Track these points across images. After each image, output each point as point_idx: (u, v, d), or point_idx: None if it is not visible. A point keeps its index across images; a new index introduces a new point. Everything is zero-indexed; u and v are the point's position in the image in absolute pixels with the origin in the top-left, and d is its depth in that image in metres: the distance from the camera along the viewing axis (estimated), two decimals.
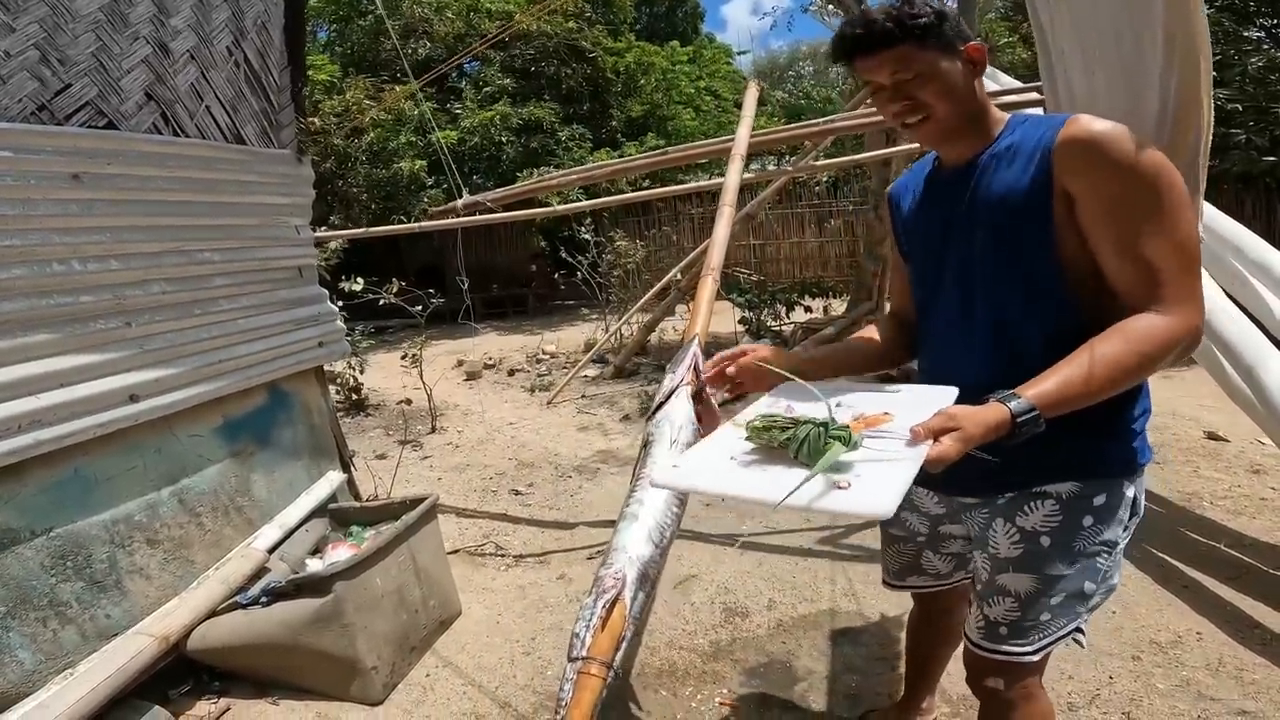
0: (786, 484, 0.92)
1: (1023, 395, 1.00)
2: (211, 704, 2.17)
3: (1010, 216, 1.14)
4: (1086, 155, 1.06)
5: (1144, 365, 1.03)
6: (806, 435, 0.99)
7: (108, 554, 2.05)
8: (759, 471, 1.01)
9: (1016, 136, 1.17)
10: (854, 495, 0.89)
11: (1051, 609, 1.24)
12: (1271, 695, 1.92)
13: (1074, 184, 1.08)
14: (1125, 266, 1.06)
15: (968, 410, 0.99)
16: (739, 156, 2.82)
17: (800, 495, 0.89)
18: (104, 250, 2.07)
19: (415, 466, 4.76)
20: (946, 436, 0.95)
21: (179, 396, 2.25)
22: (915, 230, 1.38)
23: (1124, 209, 1.05)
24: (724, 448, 1.10)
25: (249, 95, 2.63)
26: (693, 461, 1.08)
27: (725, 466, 1.04)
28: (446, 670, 2.35)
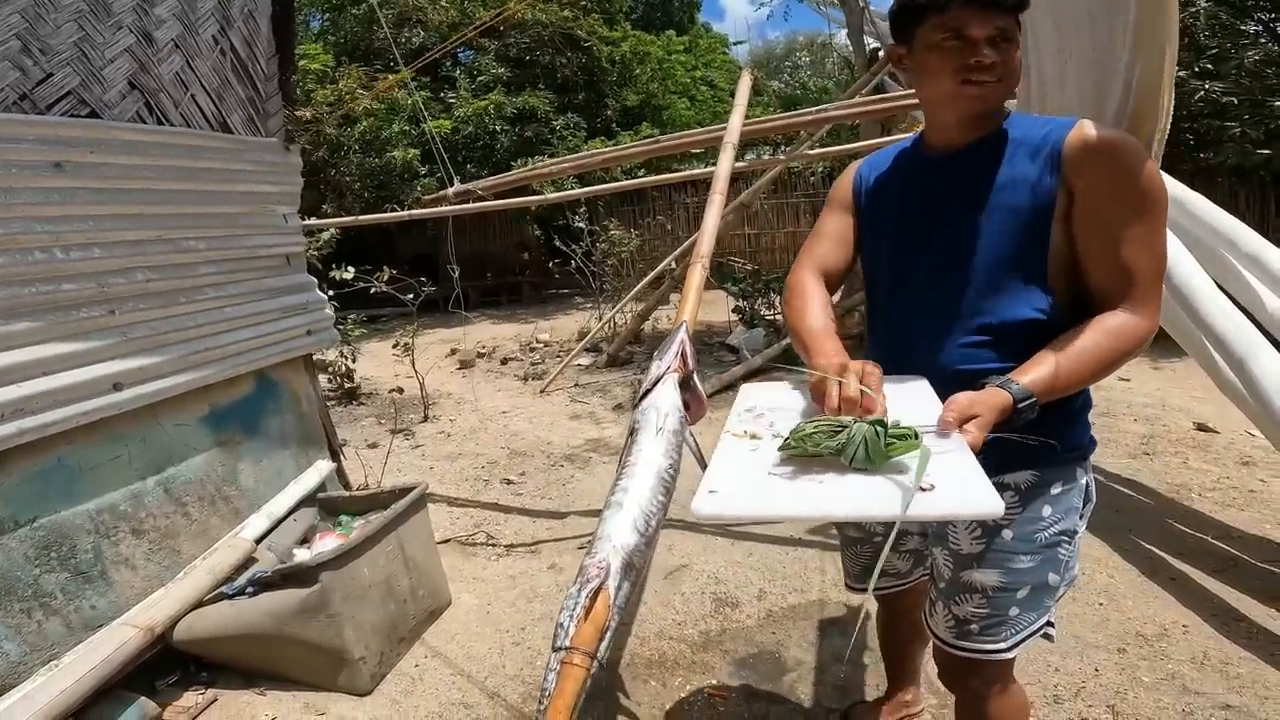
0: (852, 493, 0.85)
1: (1020, 382, 1.04)
2: (199, 695, 2.16)
3: (1018, 206, 1.15)
4: (1101, 159, 1.09)
5: (1120, 359, 1.09)
6: (863, 438, 0.88)
7: (92, 544, 2.03)
8: (814, 484, 0.90)
9: (1017, 131, 1.19)
10: (951, 496, 0.82)
11: (1019, 603, 1.24)
12: (1256, 690, 1.93)
13: (1081, 184, 1.10)
14: (1108, 267, 1.11)
15: (980, 397, 1.01)
16: (731, 145, 2.80)
17: (892, 502, 0.82)
18: (86, 238, 2.05)
19: (407, 455, 4.75)
20: (970, 425, 0.97)
21: (164, 385, 2.23)
22: (890, 209, 1.34)
23: (1122, 215, 1.09)
24: (752, 463, 0.99)
25: (235, 84, 2.61)
26: (729, 483, 0.94)
27: (771, 484, 0.92)
28: (436, 660, 2.35)
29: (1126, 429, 4.31)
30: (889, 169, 1.38)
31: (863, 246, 1.42)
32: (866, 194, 1.41)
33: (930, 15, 1.14)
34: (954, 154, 1.23)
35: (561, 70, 12.25)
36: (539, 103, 11.58)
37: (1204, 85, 6.85)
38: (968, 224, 1.19)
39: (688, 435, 1.67)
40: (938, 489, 0.82)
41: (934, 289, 1.24)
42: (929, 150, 1.29)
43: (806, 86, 17.83)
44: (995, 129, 1.20)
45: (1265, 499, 3.19)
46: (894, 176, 1.36)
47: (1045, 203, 1.12)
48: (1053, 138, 1.13)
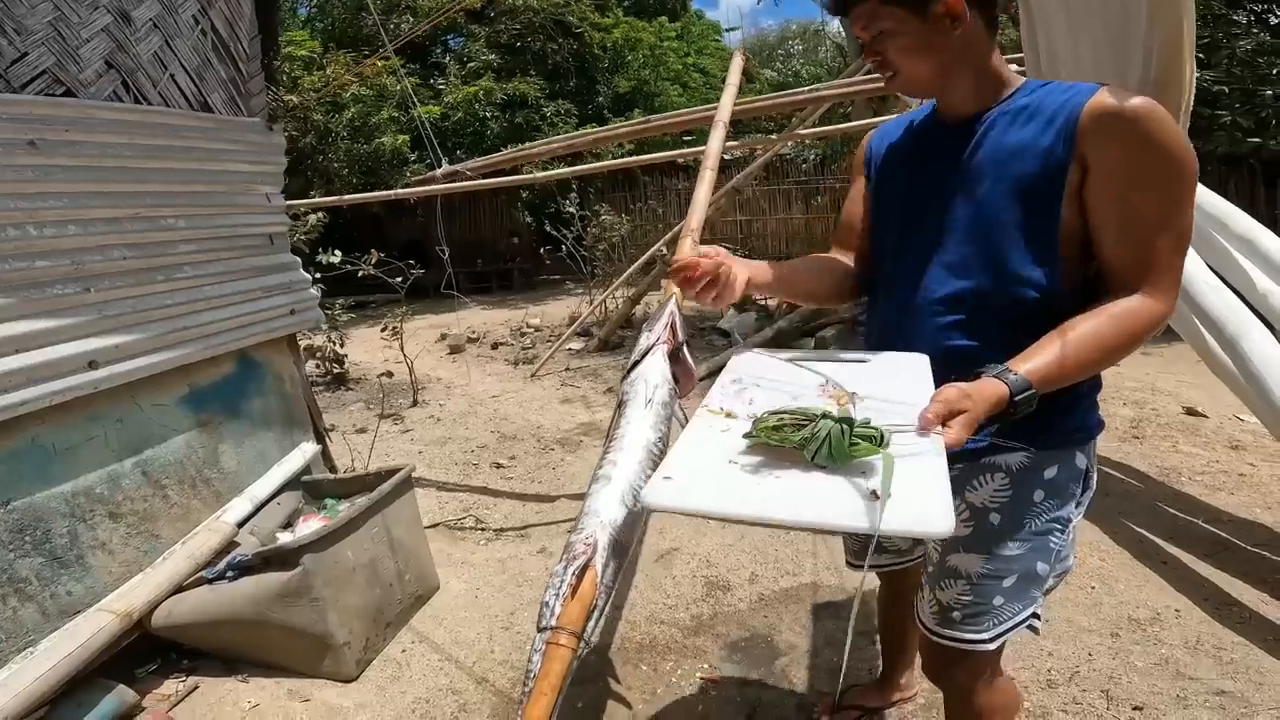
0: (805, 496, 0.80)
1: (1019, 371, 0.95)
2: (179, 682, 2.12)
3: (1025, 175, 1.07)
4: (1119, 128, 1.00)
5: (1129, 348, 1.02)
6: (828, 434, 0.84)
7: (68, 528, 1.98)
8: (771, 480, 0.85)
9: (1033, 98, 1.10)
10: (899, 510, 0.76)
11: (1004, 592, 1.19)
12: (1250, 675, 1.92)
13: (1096, 155, 1.01)
14: (1125, 247, 1.03)
15: (969, 390, 0.92)
16: (722, 124, 2.76)
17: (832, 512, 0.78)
18: (61, 216, 2.00)
19: (396, 440, 4.70)
20: (955, 421, 0.88)
21: (141, 363, 2.17)
22: (895, 176, 1.29)
23: (1142, 190, 1.00)
24: (716, 449, 0.94)
25: (216, 64, 2.56)
26: (687, 470, 0.89)
27: (729, 476, 0.87)
28: (423, 646, 2.32)
29: (1115, 412, 4.32)
30: (899, 138, 1.32)
31: (873, 217, 1.36)
32: (876, 164, 1.35)
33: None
34: (965, 122, 1.16)
35: (552, 56, 12.17)
36: (529, 89, 11.51)
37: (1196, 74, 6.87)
38: (970, 194, 1.13)
39: (677, 408, 1.63)
40: (893, 499, 0.77)
41: (932, 262, 1.18)
42: (940, 118, 1.23)
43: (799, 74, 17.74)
44: (1009, 95, 1.14)
45: (1254, 483, 3.20)
46: (902, 145, 1.30)
47: (1055, 175, 1.04)
48: (1069, 105, 1.04)
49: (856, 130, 5.51)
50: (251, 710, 2.01)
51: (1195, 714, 1.78)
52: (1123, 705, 1.82)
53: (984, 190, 1.11)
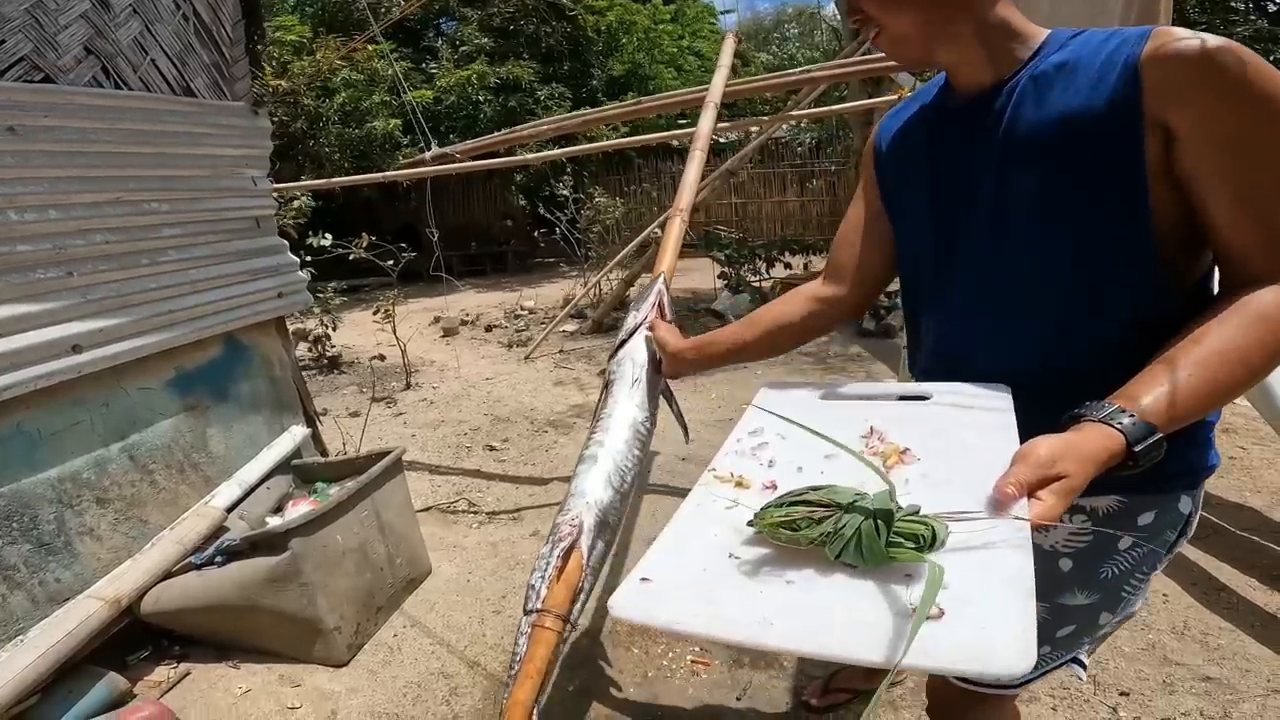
0: (823, 617, 0.60)
1: (1134, 411, 0.70)
2: (170, 669, 2.11)
3: (1081, 156, 0.82)
4: (1199, 76, 0.75)
5: (1276, 359, 0.75)
6: (856, 532, 0.64)
7: (55, 514, 1.96)
8: (779, 586, 0.65)
9: (1069, 53, 0.86)
10: (960, 636, 0.54)
11: (1055, 641, 1.01)
12: (1235, 662, 1.92)
13: (1178, 114, 0.77)
14: (1246, 224, 0.77)
15: (1069, 444, 0.68)
16: (713, 105, 2.72)
17: (859, 645, 0.56)
18: (42, 201, 1.98)
19: (389, 423, 4.69)
20: (1047, 491, 0.65)
21: (126, 347, 2.15)
22: (912, 176, 1.04)
23: (1252, 149, 0.75)
24: (713, 538, 0.74)
25: (199, 48, 2.53)
26: (671, 570, 0.70)
27: (724, 579, 0.68)
28: (415, 630, 2.32)
29: None
30: (910, 126, 1.06)
31: (895, 225, 1.10)
32: (886, 160, 1.10)
33: None
34: (986, 94, 0.92)
35: (546, 40, 12.05)
36: (523, 73, 11.41)
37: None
38: (1016, 186, 0.88)
39: (664, 385, 1.62)
40: (946, 616, 0.56)
41: (980, 280, 0.94)
42: (954, 95, 0.99)
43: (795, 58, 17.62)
44: (1035, 54, 0.89)
45: (1245, 465, 3.20)
46: (916, 134, 1.04)
47: (1127, 141, 0.79)
48: (1122, 56, 0.80)
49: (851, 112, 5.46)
50: (243, 696, 2.01)
51: (1181, 700, 1.79)
52: (1109, 690, 1.83)
53: (1034, 180, 0.86)
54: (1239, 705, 1.75)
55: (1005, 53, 0.90)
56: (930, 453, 0.79)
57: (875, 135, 1.15)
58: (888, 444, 0.83)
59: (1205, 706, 1.76)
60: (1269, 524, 2.66)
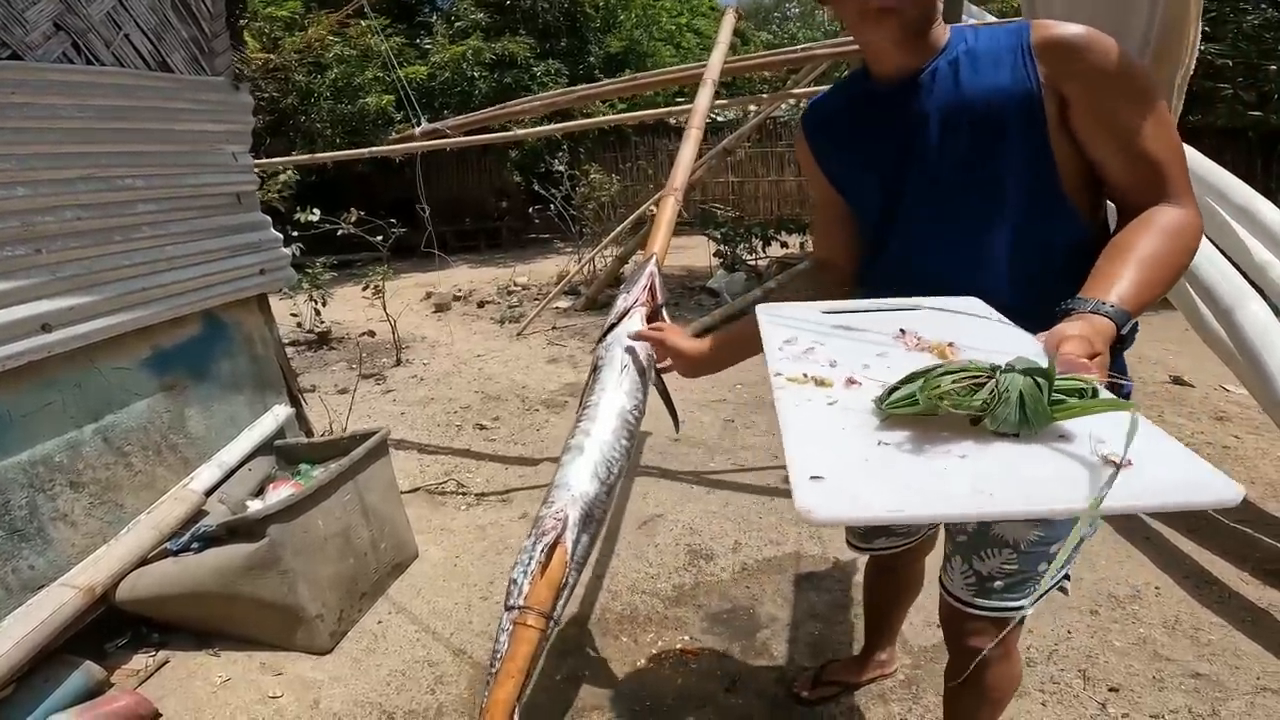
0: (1020, 474, 0.59)
1: (1110, 301, 0.85)
2: (149, 657, 2.08)
3: (1000, 117, 1.03)
4: (1079, 56, 0.99)
5: (1187, 259, 0.95)
6: (1021, 392, 0.62)
7: (27, 499, 1.91)
8: (956, 461, 0.62)
9: (973, 43, 1.08)
10: (1161, 478, 0.56)
11: (1050, 556, 1.14)
12: (1226, 658, 1.90)
13: (1069, 85, 1.00)
14: (1132, 163, 1.00)
15: (1091, 328, 0.80)
16: (710, 82, 2.66)
17: (1083, 492, 0.56)
18: (9, 177, 1.90)
19: (378, 401, 4.64)
20: (1094, 364, 0.76)
21: (98, 325, 2.08)
22: (852, 157, 1.23)
23: (1129, 105, 0.98)
24: (849, 429, 0.69)
25: (176, 23, 2.45)
26: (836, 464, 0.63)
27: (897, 463, 0.63)
28: (400, 617, 2.28)
29: None
30: (838, 110, 1.25)
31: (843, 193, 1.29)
32: (818, 146, 1.28)
33: None
34: (910, 78, 1.10)
35: (543, 15, 11.81)
36: (519, 49, 11.19)
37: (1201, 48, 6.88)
38: (956, 148, 1.08)
39: (655, 375, 1.57)
40: (1136, 466, 0.56)
41: (932, 232, 1.13)
42: (878, 81, 1.15)
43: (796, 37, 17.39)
44: (945, 45, 1.09)
45: (1239, 455, 3.20)
46: (845, 116, 1.23)
47: (1033, 109, 1.01)
48: (1015, 42, 1.03)
49: None
50: (223, 685, 1.98)
51: (1170, 697, 1.77)
52: (1099, 686, 1.81)
53: (964, 141, 1.06)
54: (1227, 703, 1.74)
55: (930, 42, 1.09)
56: (967, 345, 0.82)
57: (801, 129, 1.31)
58: (931, 340, 0.85)
59: (1194, 704, 1.74)
60: (1263, 516, 2.65)
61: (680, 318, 6.37)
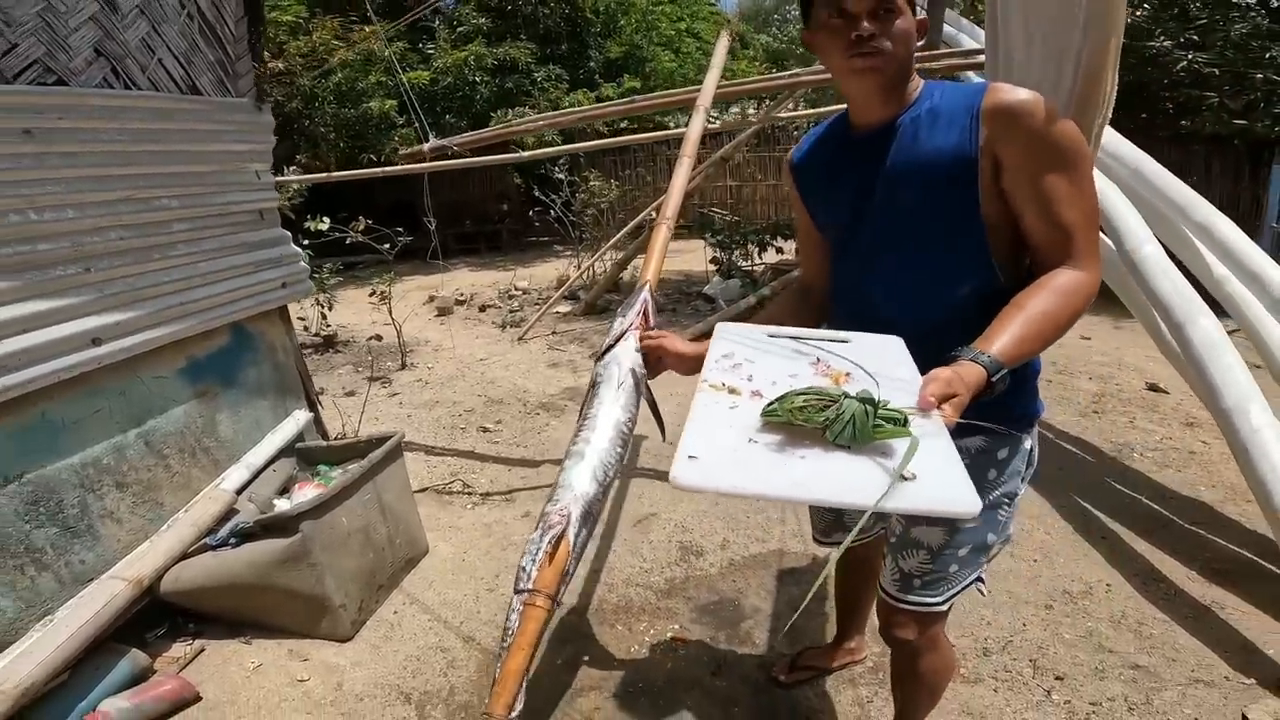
0: (834, 476, 0.82)
1: (990, 353, 1.01)
2: (186, 645, 2.24)
3: (942, 178, 1.17)
4: (1018, 122, 1.11)
5: (1074, 317, 1.10)
6: (853, 416, 0.85)
7: (78, 498, 2.09)
8: (797, 460, 0.86)
9: (936, 101, 1.21)
10: (930, 491, 0.79)
11: (959, 560, 1.33)
12: (1165, 651, 2.08)
13: (1004, 149, 1.13)
14: (1047, 227, 1.14)
15: (957, 374, 0.97)
16: (703, 108, 2.80)
17: (870, 493, 0.79)
18: (59, 200, 2.07)
19: (384, 404, 4.81)
20: (949, 404, 0.93)
21: (141, 339, 2.26)
22: (827, 195, 1.40)
23: (1051, 174, 1.11)
24: (732, 426, 0.94)
25: (204, 47, 2.61)
26: (710, 450, 0.88)
27: (755, 455, 0.88)
28: (414, 607, 2.47)
29: (1080, 387, 4.48)
30: (819, 151, 1.42)
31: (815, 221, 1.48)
32: (802, 183, 1.46)
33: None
34: (878, 130, 1.25)
35: (544, 21, 11.93)
36: (520, 54, 11.31)
37: (1188, 56, 6.94)
38: (902, 198, 1.23)
39: (646, 389, 1.77)
40: (919, 479, 0.80)
41: (881, 264, 1.29)
42: (855, 129, 1.31)
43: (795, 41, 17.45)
44: (914, 100, 1.23)
45: (1204, 460, 3.36)
46: (824, 158, 1.40)
47: (969, 173, 1.15)
48: (968, 106, 1.16)
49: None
50: (255, 670, 2.16)
51: (1109, 686, 1.95)
52: (1047, 674, 2.00)
53: (913, 198, 1.21)
54: (1161, 693, 1.92)
55: (903, 95, 1.23)
56: (861, 376, 1.04)
57: (793, 158, 1.49)
58: (833, 369, 1.09)
59: (1130, 693, 1.93)
60: (1219, 519, 2.82)
61: (677, 323, 6.56)
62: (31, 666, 1.75)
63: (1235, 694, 1.89)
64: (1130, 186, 3.33)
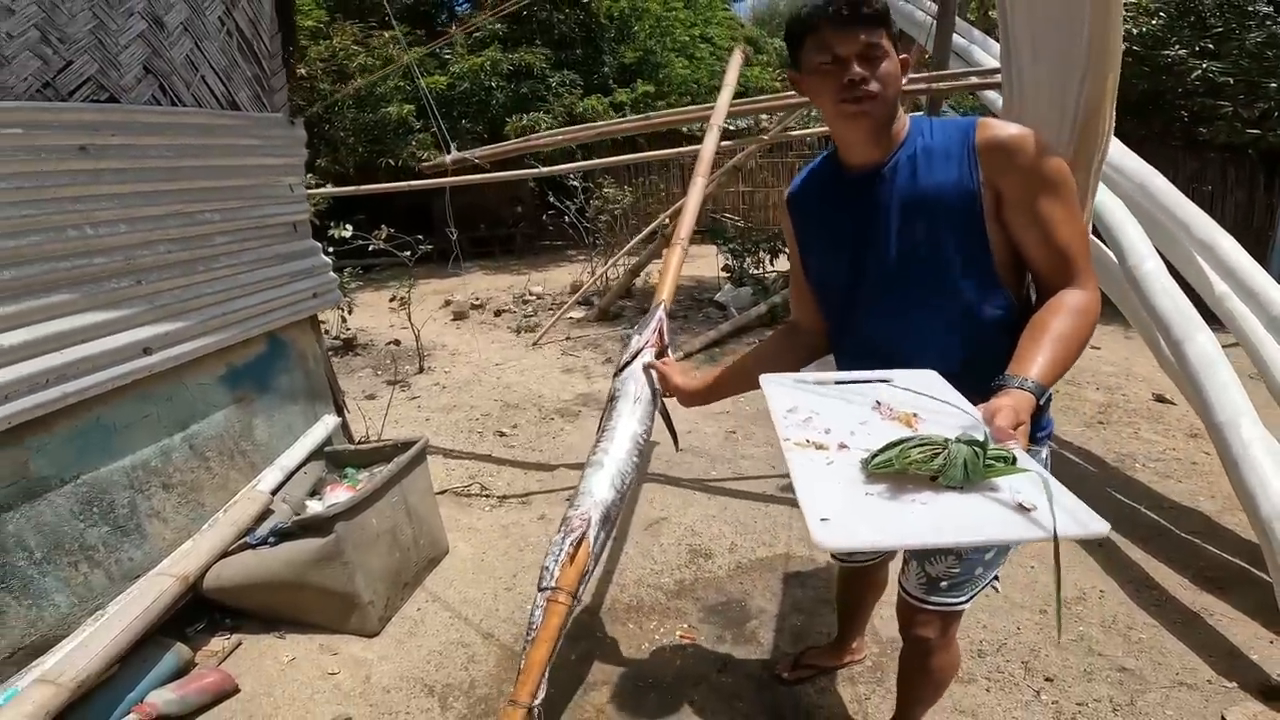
0: (968, 517, 0.86)
1: (1030, 377, 1.07)
2: (225, 639, 2.37)
3: (948, 211, 1.24)
4: (1015, 157, 1.20)
5: (1091, 334, 1.18)
6: (965, 460, 0.89)
7: (129, 499, 2.23)
8: (919, 506, 0.90)
9: (927, 139, 1.28)
10: (1059, 518, 0.83)
11: (985, 563, 1.43)
12: (1151, 655, 2.17)
13: (1004, 180, 1.21)
14: (1048, 252, 1.22)
15: (1017, 402, 1.02)
16: (716, 126, 2.89)
17: (1006, 529, 0.85)
18: (113, 215, 2.19)
19: (404, 407, 4.95)
20: (1018, 432, 0.99)
21: (188, 348, 2.40)
22: (821, 235, 1.44)
23: (1047, 201, 1.20)
24: (842, 482, 0.96)
25: (242, 62, 2.72)
26: (836, 510, 0.89)
27: (878, 507, 0.91)
28: (436, 604, 2.60)
29: (1088, 397, 4.55)
30: (814, 197, 1.46)
31: (808, 270, 1.52)
32: (797, 220, 1.51)
33: (807, 38, 1.24)
34: (870, 170, 1.31)
35: (559, 26, 12.08)
36: (535, 59, 11.46)
37: (1202, 65, 6.96)
38: (907, 238, 1.28)
39: (660, 404, 1.89)
40: (1039, 510, 0.85)
41: (886, 307, 1.34)
42: (848, 170, 1.36)
43: None
44: (904, 139, 1.29)
45: (1204, 471, 3.43)
46: (820, 204, 1.44)
47: (974, 204, 1.22)
48: (964, 142, 1.23)
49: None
50: (289, 663, 2.29)
51: (1096, 688, 2.05)
52: (1037, 676, 2.10)
53: (922, 233, 1.27)
54: (1145, 695, 2.01)
55: (892, 135, 1.29)
56: (926, 415, 1.09)
57: (790, 195, 1.53)
58: (900, 411, 1.11)
59: (1115, 695, 2.02)
60: (1215, 528, 2.90)
61: (689, 330, 6.67)
62: (87, 659, 1.86)
63: (1217, 697, 1.98)
64: (1135, 201, 3.41)
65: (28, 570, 1.97)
